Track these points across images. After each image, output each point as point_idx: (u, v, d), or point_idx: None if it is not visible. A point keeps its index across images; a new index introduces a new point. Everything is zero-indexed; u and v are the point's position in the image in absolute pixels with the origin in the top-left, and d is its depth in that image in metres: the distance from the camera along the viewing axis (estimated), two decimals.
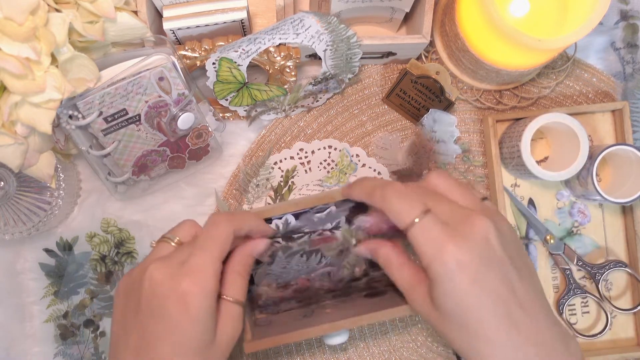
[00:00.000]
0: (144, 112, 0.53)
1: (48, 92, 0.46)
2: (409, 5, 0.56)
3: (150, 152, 0.57)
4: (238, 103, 0.59)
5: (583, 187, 0.59)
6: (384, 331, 0.63)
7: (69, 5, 0.47)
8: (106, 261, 0.63)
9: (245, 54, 0.52)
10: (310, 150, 0.63)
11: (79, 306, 0.62)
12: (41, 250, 0.62)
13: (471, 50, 0.57)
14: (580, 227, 0.63)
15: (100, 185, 0.62)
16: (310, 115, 0.64)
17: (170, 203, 0.63)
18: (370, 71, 0.64)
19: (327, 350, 0.63)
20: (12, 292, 0.62)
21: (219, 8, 0.53)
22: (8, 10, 0.43)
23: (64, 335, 0.62)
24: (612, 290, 0.63)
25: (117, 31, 0.51)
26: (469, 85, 0.63)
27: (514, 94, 0.64)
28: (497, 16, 0.49)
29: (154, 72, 0.51)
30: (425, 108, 0.60)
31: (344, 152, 0.63)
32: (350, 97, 0.64)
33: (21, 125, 0.48)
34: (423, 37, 0.56)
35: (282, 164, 0.63)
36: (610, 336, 0.62)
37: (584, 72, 0.65)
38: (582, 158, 0.56)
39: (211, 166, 0.63)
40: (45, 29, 0.45)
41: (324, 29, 0.52)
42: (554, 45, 0.50)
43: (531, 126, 0.56)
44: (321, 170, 0.63)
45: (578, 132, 0.56)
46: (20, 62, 0.43)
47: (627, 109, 0.61)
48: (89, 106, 0.50)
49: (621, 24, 0.66)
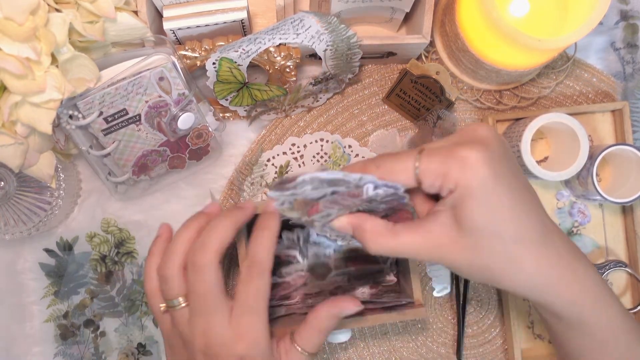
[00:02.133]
0: (144, 112, 0.53)
1: (48, 92, 0.46)
2: (409, 5, 0.56)
3: (150, 152, 0.57)
4: (238, 103, 0.59)
5: (583, 187, 0.59)
6: (384, 331, 0.63)
7: (69, 5, 0.47)
8: (106, 261, 0.63)
9: (245, 54, 0.52)
10: (302, 145, 0.63)
11: (79, 306, 0.62)
12: (41, 250, 0.62)
13: (471, 50, 0.57)
14: (580, 227, 0.63)
15: (100, 185, 0.62)
16: (310, 115, 0.64)
17: (171, 203, 0.63)
18: (370, 71, 0.64)
19: (327, 350, 0.63)
20: (12, 292, 0.62)
21: (219, 8, 0.53)
22: (8, 10, 0.43)
23: (64, 335, 0.62)
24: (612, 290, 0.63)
25: (117, 31, 0.51)
26: (469, 85, 0.63)
27: (514, 94, 0.64)
28: (497, 16, 0.49)
29: (154, 72, 0.51)
30: (425, 108, 0.60)
31: (336, 144, 0.63)
32: (350, 97, 0.64)
33: (21, 125, 0.48)
34: (423, 37, 0.56)
35: (275, 160, 0.63)
36: None
37: (584, 72, 0.65)
38: (582, 158, 0.56)
39: (211, 166, 0.63)
40: (46, 29, 0.45)
41: (324, 29, 0.53)
42: (554, 45, 0.50)
43: (531, 126, 0.57)
44: (314, 163, 0.63)
45: (578, 132, 0.56)
46: (20, 62, 0.43)
47: (627, 109, 0.61)
48: (89, 106, 0.50)
49: (621, 24, 0.66)
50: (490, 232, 0.37)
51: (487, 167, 0.36)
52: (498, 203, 0.36)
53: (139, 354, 0.62)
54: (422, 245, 0.39)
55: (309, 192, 0.40)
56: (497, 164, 0.36)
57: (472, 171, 0.36)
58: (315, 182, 0.39)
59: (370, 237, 0.40)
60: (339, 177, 0.39)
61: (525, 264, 0.38)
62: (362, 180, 0.39)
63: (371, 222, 0.40)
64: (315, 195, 0.40)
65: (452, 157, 0.36)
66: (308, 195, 0.40)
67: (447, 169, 0.36)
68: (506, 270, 0.38)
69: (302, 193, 0.40)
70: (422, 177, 0.37)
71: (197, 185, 0.63)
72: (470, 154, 0.36)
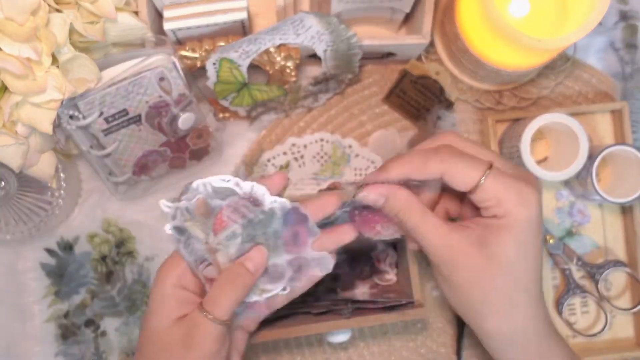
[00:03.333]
0: (144, 112, 0.53)
1: (49, 92, 0.46)
2: (409, 5, 0.57)
3: (151, 152, 0.57)
4: (238, 103, 0.59)
5: (583, 187, 0.59)
6: (384, 331, 0.63)
7: (69, 5, 0.48)
8: (107, 261, 0.63)
9: (245, 54, 0.52)
10: (302, 145, 0.63)
11: (79, 306, 0.62)
12: (42, 250, 0.62)
13: (471, 50, 0.57)
14: (579, 227, 0.63)
15: (101, 185, 0.62)
16: (310, 116, 0.64)
17: None
18: (370, 71, 0.65)
19: (328, 350, 0.63)
20: (12, 291, 0.62)
21: (219, 8, 0.54)
22: (9, 10, 0.43)
23: (64, 335, 0.62)
24: (612, 290, 0.63)
25: (117, 31, 0.51)
26: (468, 85, 0.63)
27: (513, 94, 0.64)
28: (497, 16, 0.49)
29: (155, 73, 0.51)
30: (425, 108, 0.60)
31: (336, 144, 0.63)
32: (350, 97, 0.64)
33: (22, 126, 0.48)
34: (423, 38, 0.56)
35: (276, 160, 0.63)
36: (609, 336, 0.62)
37: (584, 73, 0.65)
38: (581, 158, 0.57)
39: (212, 166, 0.63)
40: (46, 30, 0.45)
41: (325, 30, 0.53)
42: (553, 45, 0.50)
43: (531, 126, 0.57)
44: (314, 164, 0.63)
45: (578, 132, 0.56)
46: (21, 62, 0.44)
47: (627, 109, 0.61)
48: (90, 106, 0.50)
49: (620, 25, 0.66)
50: (512, 271, 0.38)
51: (537, 215, 0.38)
52: (531, 251, 0.38)
53: None
54: (440, 238, 0.39)
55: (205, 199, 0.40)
56: (542, 218, 0.39)
57: (527, 212, 0.37)
58: (209, 189, 0.39)
59: (404, 205, 0.39)
60: (229, 187, 0.39)
61: (519, 314, 0.39)
62: (255, 190, 0.39)
63: (405, 192, 0.40)
64: (213, 204, 0.40)
65: (517, 189, 0.37)
66: (209, 201, 0.40)
67: (507, 196, 0.37)
68: (500, 311, 0.39)
69: (196, 201, 0.40)
70: (480, 191, 0.38)
71: None
72: (534, 196, 0.38)
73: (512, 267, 0.38)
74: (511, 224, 0.37)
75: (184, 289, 0.41)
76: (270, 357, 0.62)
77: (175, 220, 0.41)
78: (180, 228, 0.42)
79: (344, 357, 0.63)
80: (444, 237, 0.39)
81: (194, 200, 0.41)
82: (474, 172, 0.38)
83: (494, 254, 0.38)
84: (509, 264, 0.38)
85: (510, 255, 0.38)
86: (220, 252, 0.41)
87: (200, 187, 0.40)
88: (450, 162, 0.38)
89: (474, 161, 0.38)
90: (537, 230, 0.38)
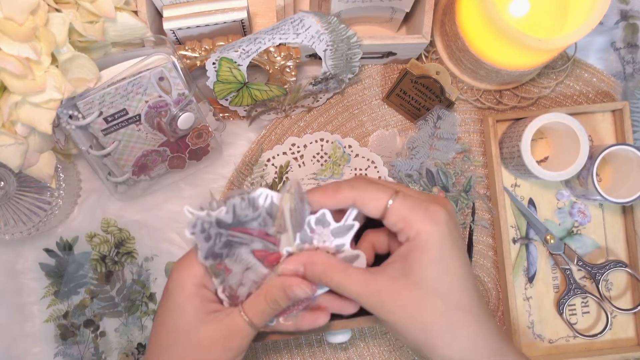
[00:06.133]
0: (144, 112, 0.53)
1: (48, 92, 0.46)
2: (409, 5, 0.56)
3: (150, 152, 0.57)
4: (238, 103, 0.59)
5: (583, 187, 0.59)
6: (384, 331, 0.63)
7: (69, 5, 0.47)
8: (106, 261, 0.63)
9: (245, 54, 0.52)
10: (302, 145, 0.63)
11: (79, 306, 0.62)
12: (41, 250, 0.62)
13: (471, 50, 0.57)
14: (580, 227, 0.63)
15: (100, 185, 0.62)
16: (310, 115, 0.64)
17: (171, 203, 0.63)
18: (370, 71, 0.64)
19: (328, 350, 0.63)
20: (12, 292, 0.62)
21: (219, 8, 0.53)
22: (8, 10, 0.43)
23: (64, 335, 0.62)
24: (612, 290, 0.63)
25: (117, 31, 0.51)
26: (469, 85, 0.63)
27: (514, 94, 0.64)
28: (497, 16, 0.49)
29: (154, 72, 0.51)
30: (426, 108, 0.60)
31: (336, 143, 0.63)
32: (350, 97, 0.64)
33: (21, 125, 0.48)
34: (423, 37, 0.56)
35: (275, 160, 0.63)
36: (610, 336, 0.62)
37: (584, 72, 0.65)
38: (582, 158, 0.56)
39: (211, 166, 0.63)
40: (46, 29, 0.45)
41: (324, 29, 0.53)
42: (554, 45, 0.50)
43: (531, 126, 0.56)
44: (314, 163, 0.63)
45: (578, 132, 0.56)
46: (20, 62, 0.43)
47: (627, 109, 0.61)
48: (89, 106, 0.50)
49: (621, 24, 0.66)
50: (436, 291, 0.38)
51: (449, 229, 0.39)
52: (450, 265, 0.38)
53: (139, 354, 0.62)
54: (365, 287, 0.39)
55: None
56: (456, 232, 0.39)
57: (437, 227, 0.38)
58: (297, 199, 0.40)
59: (323, 270, 0.40)
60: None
61: (463, 333, 0.38)
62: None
63: (321, 255, 0.41)
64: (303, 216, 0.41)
65: (423, 208, 0.39)
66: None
67: (413, 216, 0.38)
68: (443, 335, 0.38)
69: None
70: (389, 214, 0.39)
71: (197, 185, 0.63)
72: (440, 212, 0.39)
73: (435, 286, 0.38)
74: (423, 244, 0.38)
75: (205, 288, 0.42)
76: (270, 357, 0.62)
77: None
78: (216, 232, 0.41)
79: (344, 357, 0.63)
80: (368, 284, 0.39)
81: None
82: (383, 195, 0.39)
83: (417, 280, 0.38)
84: (431, 285, 0.38)
85: (430, 276, 0.38)
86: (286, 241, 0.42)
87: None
88: (361, 189, 0.40)
89: (383, 187, 0.40)
90: (452, 243, 0.39)
